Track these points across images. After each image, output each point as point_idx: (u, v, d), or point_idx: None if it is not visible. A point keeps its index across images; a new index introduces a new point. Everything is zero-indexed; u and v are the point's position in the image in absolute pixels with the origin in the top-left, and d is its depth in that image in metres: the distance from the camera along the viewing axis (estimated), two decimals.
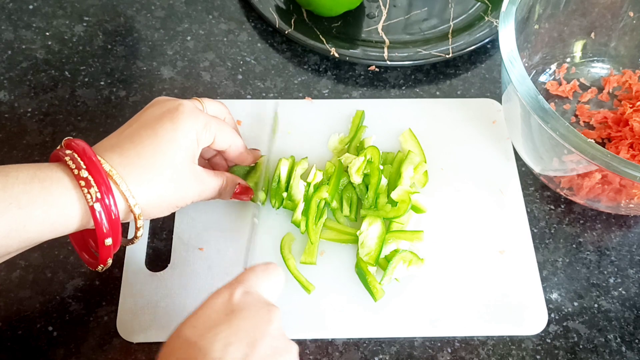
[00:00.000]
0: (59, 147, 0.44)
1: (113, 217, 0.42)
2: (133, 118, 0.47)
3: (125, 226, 0.52)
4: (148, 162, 0.44)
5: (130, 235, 0.50)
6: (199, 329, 0.38)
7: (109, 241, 0.43)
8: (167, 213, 0.47)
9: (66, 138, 0.45)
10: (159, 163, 0.44)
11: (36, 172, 0.41)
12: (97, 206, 0.41)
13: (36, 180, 0.41)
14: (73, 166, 0.41)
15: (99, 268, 0.46)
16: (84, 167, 0.41)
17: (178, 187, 0.46)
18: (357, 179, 0.55)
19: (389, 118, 0.62)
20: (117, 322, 0.50)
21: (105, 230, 0.42)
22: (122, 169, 0.43)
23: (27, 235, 0.41)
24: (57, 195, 0.41)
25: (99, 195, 0.41)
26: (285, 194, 0.55)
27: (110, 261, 0.45)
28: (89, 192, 0.41)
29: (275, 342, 0.39)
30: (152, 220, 0.56)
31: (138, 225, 0.45)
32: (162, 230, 0.55)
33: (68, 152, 0.42)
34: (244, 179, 0.55)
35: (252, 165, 0.56)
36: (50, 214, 0.41)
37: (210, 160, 0.55)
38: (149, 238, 0.55)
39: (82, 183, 0.41)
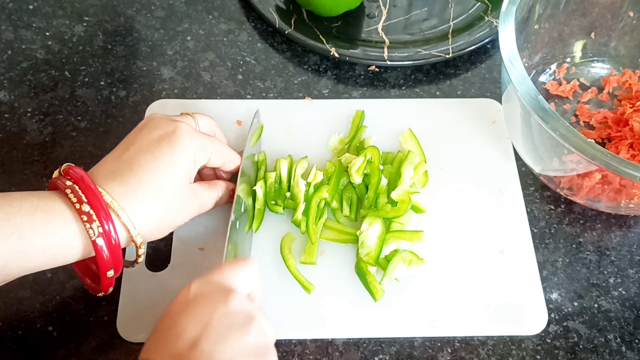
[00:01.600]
0: (57, 175, 0.44)
1: (114, 249, 0.43)
2: (128, 138, 0.47)
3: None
4: (149, 188, 0.44)
5: (131, 257, 0.50)
6: (164, 323, 0.39)
7: (111, 273, 0.44)
8: (167, 233, 0.48)
9: (65, 165, 0.45)
10: (160, 189, 0.45)
11: (39, 202, 0.41)
12: (100, 241, 0.42)
13: (39, 211, 0.41)
14: (74, 200, 0.41)
15: (101, 294, 0.47)
16: (85, 200, 0.41)
17: (177, 209, 0.47)
18: (357, 179, 0.55)
19: (389, 118, 0.62)
20: (117, 322, 0.50)
21: (107, 263, 0.43)
22: (123, 198, 0.43)
23: (28, 264, 0.41)
24: (59, 228, 0.41)
25: (100, 230, 0.41)
26: (287, 194, 0.55)
27: (111, 289, 0.46)
28: (91, 228, 0.41)
29: (231, 318, 0.39)
30: None
31: (139, 253, 0.46)
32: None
33: (68, 183, 0.42)
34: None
35: None
36: (52, 246, 0.41)
37: (199, 172, 0.55)
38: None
39: (84, 218, 0.41)
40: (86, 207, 0.41)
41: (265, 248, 0.54)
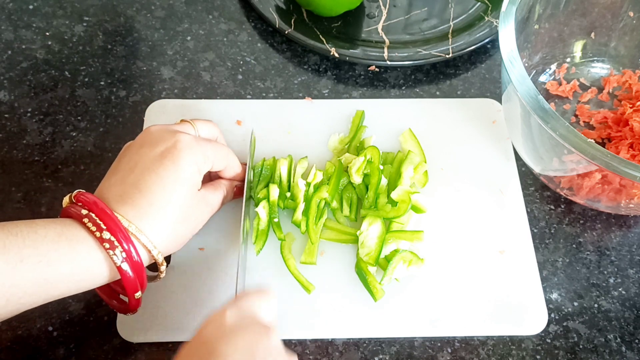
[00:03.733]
0: (69, 202, 0.45)
1: (139, 271, 0.43)
2: (130, 157, 0.47)
3: None
4: (160, 207, 0.45)
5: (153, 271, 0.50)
6: (202, 348, 0.39)
7: (138, 294, 0.44)
8: (184, 244, 0.48)
9: (76, 192, 0.45)
10: (170, 206, 0.45)
11: (62, 229, 0.42)
12: (124, 265, 0.42)
13: (63, 238, 0.41)
14: (94, 229, 0.42)
15: (129, 314, 0.47)
16: (104, 227, 0.42)
17: (190, 219, 0.47)
18: (357, 179, 0.55)
19: (389, 118, 0.62)
20: (117, 322, 0.50)
21: (134, 285, 0.43)
22: (139, 221, 0.44)
23: (54, 292, 0.41)
24: (85, 255, 0.42)
25: (124, 255, 0.42)
26: (287, 194, 0.55)
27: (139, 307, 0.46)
28: (114, 254, 0.42)
29: (274, 354, 0.39)
30: None
31: (161, 270, 0.47)
32: None
33: (84, 211, 0.43)
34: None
35: None
36: (78, 272, 0.42)
37: None
38: None
39: (107, 245, 0.42)
40: (107, 235, 0.42)
41: (265, 248, 0.54)
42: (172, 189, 0.45)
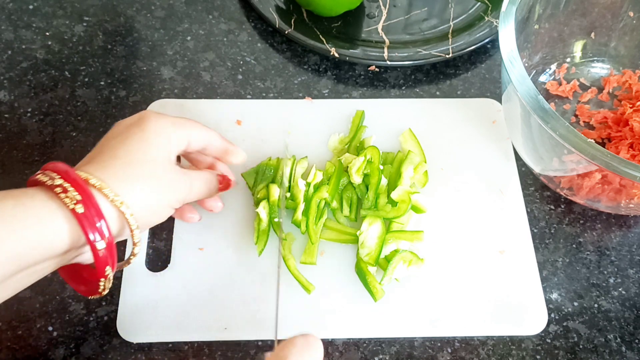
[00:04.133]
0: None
1: (98, 222, 0.39)
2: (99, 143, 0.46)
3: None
4: (126, 163, 0.42)
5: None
6: None
7: (108, 269, 0.41)
8: (163, 217, 0.46)
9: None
10: (138, 163, 0.43)
11: (20, 197, 0.38)
12: (79, 208, 0.38)
13: (20, 205, 0.38)
14: (59, 190, 0.39)
15: (101, 286, 0.43)
16: (67, 185, 0.39)
17: (164, 184, 0.44)
18: (357, 179, 0.55)
19: (389, 118, 0.62)
20: (117, 322, 0.50)
21: (105, 260, 0.40)
22: (99, 173, 0.41)
23: (27, 259, 0.38)
24: (40, 209, 0.38)
25: (80, 201, 0.38)
26: (288, 194, 0.55)
27: (109, 271, 0.42)
28: (67, 197, 0.38)
29: None
30: (150, 229, 0.56)
31: (135, 240, 0.43)
32: (162, 230, 0.55)
33: (48, 173, 0.40)
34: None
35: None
36: (44, 235, 0.38)
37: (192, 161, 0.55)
38: (149, 238, 0.55)
39: (58, 190, 0.38)
40: (64, 184, 0.39)
41: (265, 248, 0.54)
42: (138, 148, 0.43)
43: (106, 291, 0.43)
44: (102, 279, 0.42)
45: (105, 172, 0.41)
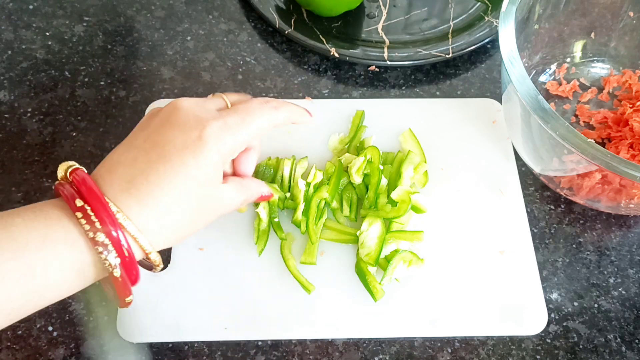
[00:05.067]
0: (63, 177, 0.40)
1: (132, 272, 0.39)
2: (150, 134, 0.42)
3: None
4: (168, 205, 0.40)
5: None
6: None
7: (129, 299, 0.40)
8: (195, 232, 0.44)
9: (73, 167, 0.40)
10: (178, 207, 0.40)
11: (47, 231, 0.36)
12: (117, 272, 0.38)
13: (48, 242, 0.36)
14: (87, 227, 0.37)
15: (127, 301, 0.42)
16: (100, 227, 0.37)
17: (197, 221, 0.43)
18: (357, 179, 0.55)
19: (389, 118, 0.62)
20: (117, 322, 0.50)
21: (126, 290, 0.40)
22: (138, 217, 0.39)
23: (43, 301, 0.37)
24: (73, 261, 0.37)
25: (118, 260, 0.37)
26: (287, 194, 0.55)
27: (130, 298, 0.41)
28: (106, 259, 0.37)
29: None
30: None
31: (156, 264, 0.41)
32: None
33: (79, 203, 0.37)
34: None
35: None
36: (67, 279, 0.37)
37: None
38: None
39: (100, 249, 0.37)
40: (101, 237, 0.37)
41: (265, 248, 0.54)
42: (185, 187, 0.40)
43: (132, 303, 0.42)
44: (127, 297, 0.41)
45: (145, 219, 0.39)
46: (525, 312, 0.52)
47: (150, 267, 0.43)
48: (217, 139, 0.42)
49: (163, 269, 0.45)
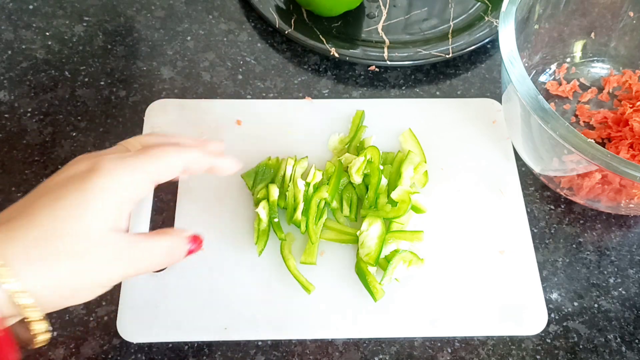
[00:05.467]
0: None
1: None
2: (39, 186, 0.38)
3: None
4: (46, 233, 0.34)
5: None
6: None
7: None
8: (85, 298, 0.37)
9: None
10: (62, 234, 0.34)
11: None
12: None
13: None
14: None
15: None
16: None
17: (91, 263, 0.35)
18: (357, 179, 0.55)
19: (389, 118, 0.62)
20: (117, 322, 0.50)
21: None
22: (6, 248, 0.33)
23: None
24: None
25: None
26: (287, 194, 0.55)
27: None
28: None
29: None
30: (152, 220, 0.56)
31: (36, 330, 0.35)
32: None
33: None
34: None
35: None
36: None
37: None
38: None
39: None
40: None
41: (265, 248, 0.54)
42: (71, 214, 0.34)
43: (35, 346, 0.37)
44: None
45: (14, 248, 0.33)
46: (525, 312, 0.52)
47: (27, 340, 0.37)
48: (112, 167, 0.37)
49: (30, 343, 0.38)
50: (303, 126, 0.61)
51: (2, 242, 0.33)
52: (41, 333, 0.35)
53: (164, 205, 0.57)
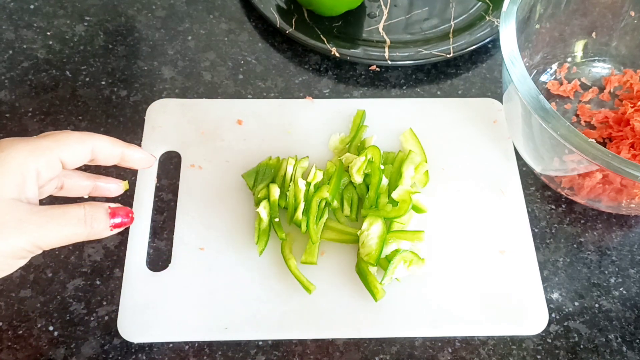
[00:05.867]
0: None
1: None
2: None
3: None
4: None
5: None
6: None
7: None
8: (6, 270, 0.38)
9: None
10: None
11: None
12: None
13: None
14: None
15: None
16: None
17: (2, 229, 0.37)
18: (358, 178, 0.55)
19: (390, 118, 0.62)
20: (117, 322, 0.50)
21: None
22: None
23: None
24: None
25: None
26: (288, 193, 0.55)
27: None
28: None
29: None
30: (153, 220, 0.56)
31: None
32: (163, 230, 0.56)
33: None
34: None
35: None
36: None
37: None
38: (149, 238, 0.55)
39: None
40: None
41: (266, 248, 0.54)
42: None
43: None
44: None
45: None
46: (526, 312, 0.52)
47: None
48: (10, 145, 0.39)
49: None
50: (304, 126, 0.61)
51: None
52: None
53: (165, 205, 0.57)
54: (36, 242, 0.38)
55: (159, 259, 0.54)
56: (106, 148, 0.44)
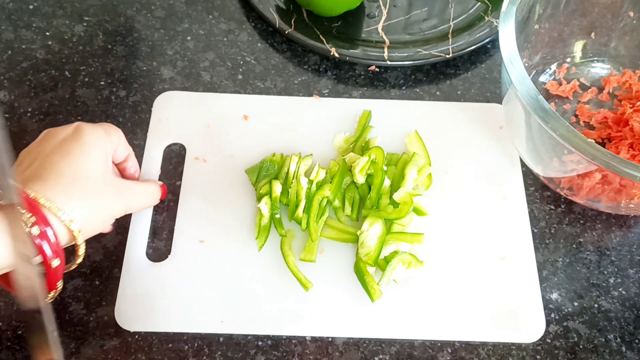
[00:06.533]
0: None
1: (52, 241, 0.41)
2: (30, 153, 0.47)
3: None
4: (69, 179, 0.44)
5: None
6: None
7: (56, 262, 0.42)
8: (105, 227, 0.48)
9: None
10: (79, 177, 0.45)
11: None
12: (35, 230, 0.40)
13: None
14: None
15: (51, 295, 0.45)
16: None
17: (107, 199, 0.46)
18: (360, 178, 0.55)
19: (395, 119, 0.62)
20: (115, 310, 0.51)
21: (49, 254, 0.41)
22: (48, 192, 0.42)
23: None
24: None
25: (37, 226, 0.40)
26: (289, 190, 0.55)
27: (60, 284, 0.45)
28: (30, 229, 0.40)
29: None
30: (153, 220, 0.56)
31: (80, 253, 0.45)
32: (163, 230, 0.56)
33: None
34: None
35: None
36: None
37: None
38: (149, 238, 0.55)
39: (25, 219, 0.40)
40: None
41: (265, 245, 0.54)
42: (81, 162, 0.45)
43: (58, 290, 0.45)
44: (53, 291, 0.45)
45: (52, 191, 0.43)
46: (523, 321, 0.52)
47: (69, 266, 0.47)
48: (90, 127, 0.48)
49: (69, 267, 0.47)
50: (309, 124, 0.61)
51: (44, 189, 0.42)
52: (81, 255, 0.46)
53: (165, 206, 0.57)
54: (126, 208, 0.49)
55: (159, 250, 0.54)
56: (123, 146, 0.52)
